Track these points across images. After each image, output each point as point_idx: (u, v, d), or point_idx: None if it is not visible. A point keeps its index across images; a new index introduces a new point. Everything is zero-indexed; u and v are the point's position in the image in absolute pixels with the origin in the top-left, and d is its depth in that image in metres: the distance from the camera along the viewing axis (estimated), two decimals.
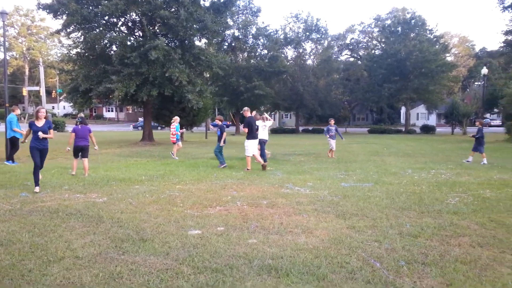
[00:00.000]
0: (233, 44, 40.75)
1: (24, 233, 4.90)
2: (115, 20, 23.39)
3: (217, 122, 12.83)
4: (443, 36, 50.74)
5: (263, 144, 13.31)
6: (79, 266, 3.89)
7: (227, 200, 7.02)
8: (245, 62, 41.46)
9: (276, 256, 4.15)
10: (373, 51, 51.74)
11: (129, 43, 22.26)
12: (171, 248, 4.40)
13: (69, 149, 10.08)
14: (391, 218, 5.77)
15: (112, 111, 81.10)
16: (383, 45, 47.82)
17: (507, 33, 32.75)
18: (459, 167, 12.24)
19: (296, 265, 3.90)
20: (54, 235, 4.84)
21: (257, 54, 42.63)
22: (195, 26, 22.21)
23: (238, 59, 41.66)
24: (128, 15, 23.00)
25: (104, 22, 22.83)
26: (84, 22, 21.36)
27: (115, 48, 23.17)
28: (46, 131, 7.95)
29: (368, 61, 47.13)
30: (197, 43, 25.11)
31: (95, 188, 8.17)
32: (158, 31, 23.03)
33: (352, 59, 59.63)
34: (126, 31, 24.00)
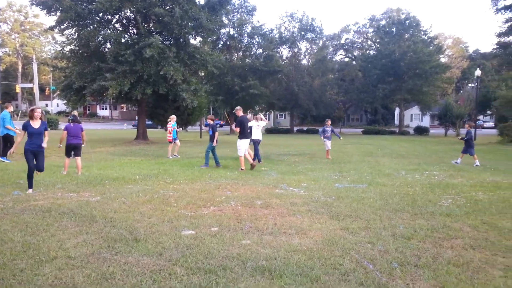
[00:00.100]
0: (228, 42, 40.68)
1: (16, 232, 4.86)
2: (109, 17, 23.27)
3: (209, 121, 12.79)
4: (437, 37, 51.07)
5: (257, 144, 13.32)
6: (71, 266, 3.86)
7: (221, 200, 7.01)
8: (240, 61, 41.41)
9: (269, 257, 4.15)
10: (368, 52, 51.91)
11: (123, 41, 22.16)
12: (165, 248, 4.39)
13: (60, 146, 9.94)
14: (384, 219, 5.79)
15: (106, 109, 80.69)
16: (378, 46, 47.97)
17: (500, 35, 33.01)
18: (452, 169, 12.32)
19: (289, 266, 3.91)
20: (46, 235, 4.81)
21: (252, 53, 42.62)
22: (190, 24, 22.16)
23: (233, 58, 41.61)
24: (122, 12, 22.89)
25: (98, 19, 22.69)
26: (78, 18, 21.22)
27: (109, 45, 23.08)
28: (42, 133, 7.59)
29: (362, 61, 47.27)
30: (192, 41, 25.04)
31: (88, 187, 8.12)
32: (152, 28, 22.94)
33: (346, 59, 59.78)
34: (120, 29, 23.89)
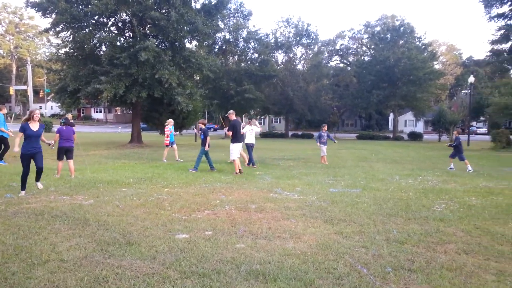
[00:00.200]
0: (224, 47, 40.79)
1: (8, 235, 4.81)
2: (105, 20, 23.23)
3: (200, 125, 12.77)
4: (431, 44, 51.57)
5: (251, 148, 13.34)
6: (64, 269, 3.83)
7: (216, 204, 6.99)
8: (235, 65, 41.51)
9: (263, 261, 4.14)
10: (363, 58, 52.27)
11: (118, 44, 22.11)
12: (158, 252, 4.36)
13: (53, 143, 9.75)
14: (378, 224, 5.80)
15: (100, 112, 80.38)
16: (372, 52, 48.32)
17: (493, 43, 33.39)
18: (446, 174, 12.39)
19: (283, 270, 3.90)
20: (39, 238, 4.76)
21: (248, 57, 42.76)
22: (186, 28, 22.18)
23: (228, 62, 41.71)
24: (118, 15, 22.86)
25: (93, 21, 22.65)
26: (73, 21, 21.18)
27: (104, 48, 23.01)
28: (40, 135, 7.61)
29: (357, 67, 47.58)
30: (188, 45, 25.10)
31: (82, 190, 8.06)
32: (148, 32, 22.93)
33: (341, 65, 60.09)
34: (116, 32, 23.84)
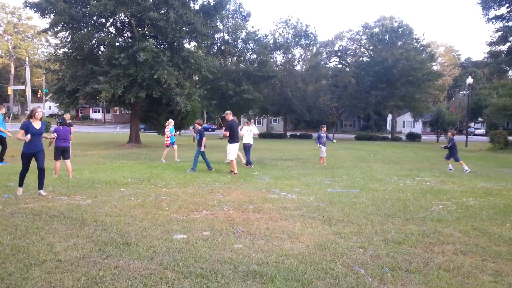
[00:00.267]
0: (223, 47, 40.80)
1: (5, 235, 4.80)
2: (103, 20, 23.24)
3: (197, 126, 12.78)
4: (430, 45, 51.64)
5: (248, 148, 13.35)
6: (61, 269, 3.82)
7: (214, 204, 6.98)
8: (234, 66, 41.54)
9: (261, 261, 4.14)
10: (361, 59, 52.33)
11: (117, 44, 22.12)
12: (156, 252, 4.35)
13: (54, 135, 9.66)
14: (376, 224, 5.81)
15: (98, 112, 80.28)
16: (371, 53, 48.40)
17: (491, 44, 33.47)
18: (444, 175, 12.40)
19: (281, 271, 3.90)
20: (36, 238, 4.75)
21: (246, 58, 42.77)
22: (184, 28, 22.18)
23: (227, 63, 41.73)
24: (117, 16, 22.88)
25: (92, 22, 22.66)
26: (72, 21, 21.17)
27: (103, 48, 23.01)
28: (42, 134, 7.61)
29: (356, 68, 47.63)
30: (186, 45, 25.09)
31: (80, 190, 8.05)
32: (147, 32, 22.94)
33: (340, 66, 60.21)
34: (114, 32, 23.85)
